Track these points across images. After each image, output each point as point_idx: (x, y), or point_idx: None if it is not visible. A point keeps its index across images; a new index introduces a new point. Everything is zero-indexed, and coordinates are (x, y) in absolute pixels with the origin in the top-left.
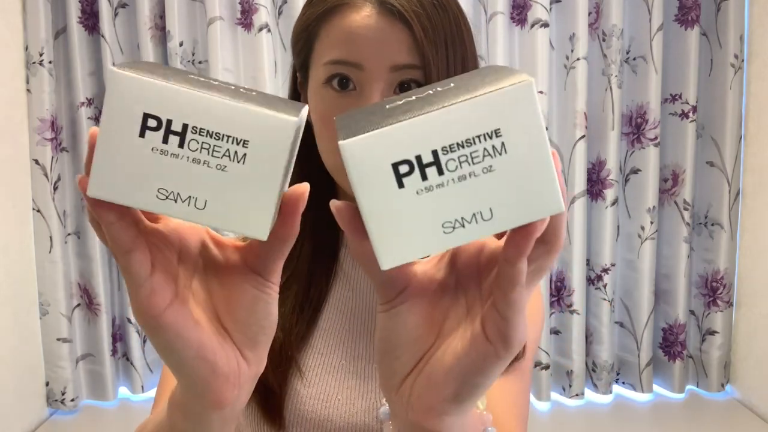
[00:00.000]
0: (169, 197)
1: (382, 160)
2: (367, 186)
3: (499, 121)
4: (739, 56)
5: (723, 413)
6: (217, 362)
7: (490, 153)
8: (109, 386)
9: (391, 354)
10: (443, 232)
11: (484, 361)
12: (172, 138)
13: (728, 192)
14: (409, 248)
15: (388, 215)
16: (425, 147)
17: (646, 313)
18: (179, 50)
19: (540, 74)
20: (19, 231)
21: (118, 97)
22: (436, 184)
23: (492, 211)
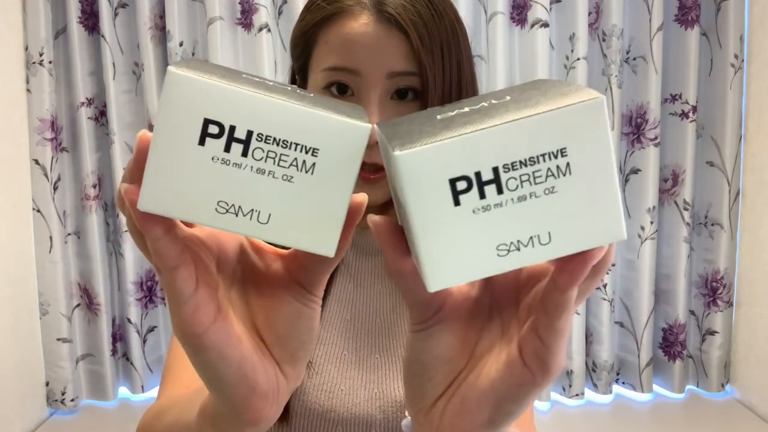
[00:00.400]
0: (230, 211)
1: (440, 175)
2: (421, 202)
3: (566, 140)
4: (739, 56)
5: (723, 413)
6: (258, 380)
7: (554, 173)
8: (109, 386)
9: (422, 376)
10: (497, 255)
11: (520, 387)
12: (235, 146)
13: (728, 192)
14: (460, 271)
15: (441, 234)
16: (486, 163)
17: (646, 313)
18: (179, 50)
19: (540, 74)
20: (19, 231)
21: (177, 101)
22: (495, 203)
23: (551, 235)
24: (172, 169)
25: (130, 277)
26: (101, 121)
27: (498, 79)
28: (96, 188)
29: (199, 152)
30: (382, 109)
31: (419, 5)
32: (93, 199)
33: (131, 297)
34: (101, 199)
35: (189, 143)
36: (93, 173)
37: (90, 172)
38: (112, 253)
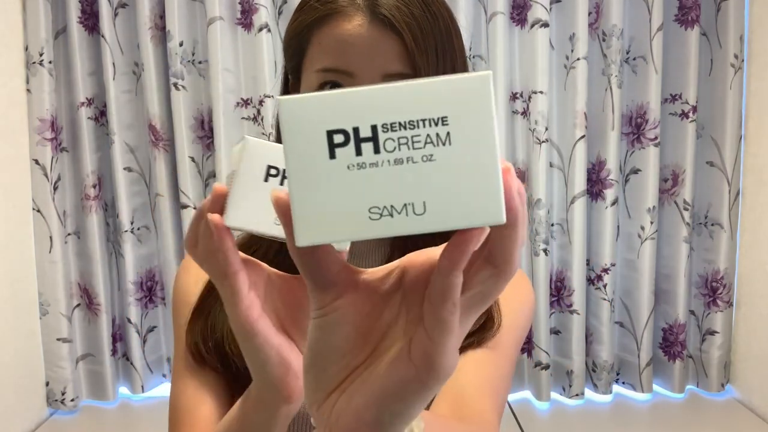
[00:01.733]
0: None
1: (318, 125)
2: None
3: (447, 109)
4: (739, 56)
5: (723, 413)
6: (291, 362)
7: (433, 141)
8: (109, 386)
9: (317, 365)
10: (369, 218)
11: (404, 384)
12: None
13: (728, 192)
14: (330, 229)
15: (315, 187)
16: (365, 120)
17: (646, 313)
18: (179, 50)
19: (540, 74)
20: (19, 231)
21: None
22: (370, 162)
23: (425, 206)
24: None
25: (130, 277)
26: (101, 121)
27: (498, 79)
28: (96, 188)
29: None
30: None
31: (413, 6)
32: (93, 199)
33: (131, 297)
34: (101, 199)
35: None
36: (93, 173)
37: (90, 172)
38: (112, 253)
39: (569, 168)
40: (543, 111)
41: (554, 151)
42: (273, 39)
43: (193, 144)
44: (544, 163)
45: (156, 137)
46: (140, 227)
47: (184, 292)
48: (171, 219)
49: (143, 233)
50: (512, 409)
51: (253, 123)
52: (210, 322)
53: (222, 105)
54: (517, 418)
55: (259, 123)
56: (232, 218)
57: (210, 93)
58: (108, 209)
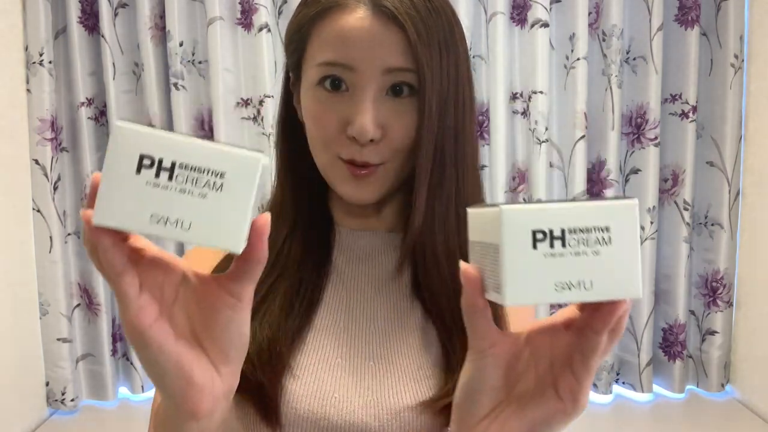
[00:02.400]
0: (160, 221)
1: (527, 226)
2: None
3: (610, 222)
4: (739, 56)
5: (723, 413)
6: (193, 374)
7: (599, 242)
8: (109, 386)
9: (472, 397)
10: (554, 289)
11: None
12: (163, 173)
13: (728, 192)
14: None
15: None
16: (557, 225)
17: (646, 313)
18: (179, 50)
19: (540, 74)
20: (19, 231)
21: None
22: (559, 253)
23: (592, 284)
24: (117, 192)
25: None
26: (101, 121)
27: (498, 79)
28: None
29: (136, 179)
30: (378, 105)
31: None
32: None
33: None
34: None
35: (129, 172)
36: (93, 173)
37: (90, 172)
38: None
39: (569, 168)
40: (543, 111)
41: (554, 151)
42: (273, 39)
43: None
44: (544, 163)
45: None
46: None
47: None
48: None
49: None
50: None
51: (253, 123)
52: None
53: (222, 105)
54: None
55: (259, 123)
56: (99, 216)
57: (210, 93)
58: None
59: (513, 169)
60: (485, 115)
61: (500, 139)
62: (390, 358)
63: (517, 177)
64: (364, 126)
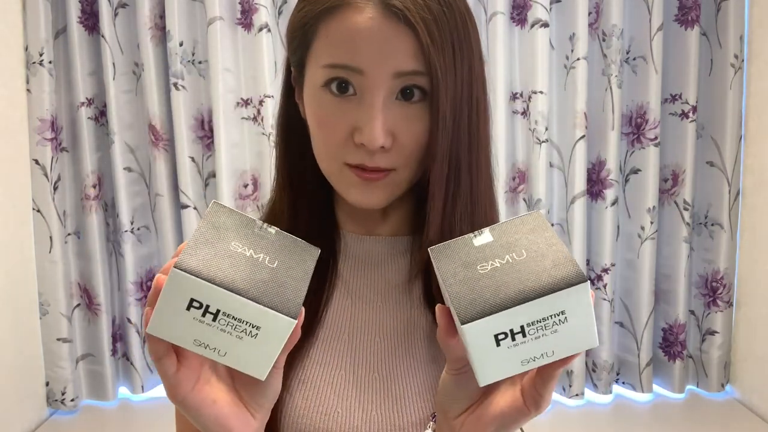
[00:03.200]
0: (201, 345)
1: (489, 334)
2: (477, 347)
3: (565, 306)
4: (739, 56)
5: (723, 413)
6: (231, 425)
7: (557, 323)
8: (109, 386)
9: (450, 401)
10: (521, 364)
11: (518, 415)
12: (208, 315)
13: (728, 192)
14: (497, 374)
15: (487, 360)
16: (516, 324)
17: (646, 313)
18: (179, 50)
19: (540, 74)
20: (19, 231)
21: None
22: (521, 342)
23: (554, 352)
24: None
25: (130, 277)
26: (101, 121)
27: (498, 79)
28: (96, 188)
29: (186, 314)
30: (387, 111)
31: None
32: (93, 199)
33: (131, 297)
34: (101, 199)
35: (181, 308)
36: (93, 173)
37: (90, 172)
38: (112, 253)
39: (569, 168)
40: (543, 111)
41: (554, 151)
42: (273, 39)
43: (193, 144)
44: (544, 163)
45: (156, 137)
46: (140, 227)
47: None
48: (171, 219)
49: (143, 233)
50: None
51: (253, 123)
52: None
53: (222, 105)
54: None
55: (259, 123)
56: (152, 328)
57: (210, 93)
58: (108, 209)
59: (513, 169)
60: None
61: (500, 139)
62: (395, 372)
63: (517, 177)
64: (373, 134)
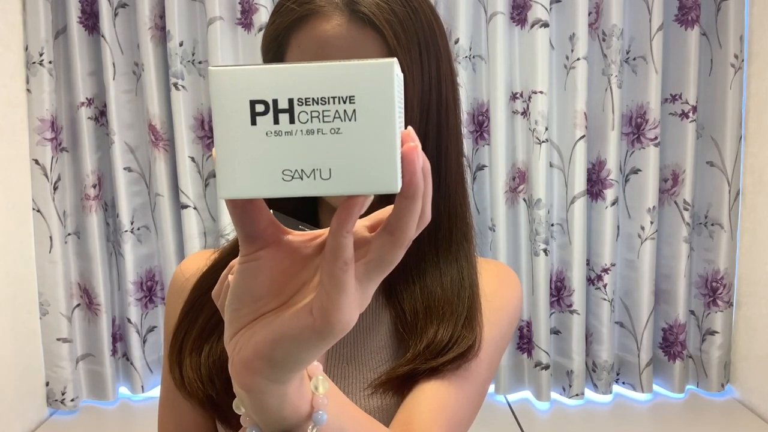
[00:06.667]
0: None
1: (242, 95)
2: (224, 115)
3: (355, 89)
4: (739, 56)
5: (723, 413)
6: None
7: (341, 116)
8: (109, 386)
9: (233, 306)
10: (282, 179)
11: (301, 330)
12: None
13: (728, 192)
14: (247, 185)
15: (237, 148)
16: (283, 94)
17: (646, 313)
18: (179, 50)
19: (540, 74)
20: (19, 231)
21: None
22: (285, 131)
23: (331, 172)
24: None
25: (130, 277)
26: (101, 121)
27: (498, 79)
28: (96, 188)
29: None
30: None
31: (393, 3)
32: (93, 199)
33: (131, 297)
34: (101, 199)
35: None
36: (93, 173)
37: (90, 172)
38: (112, 253)
39: (569, 168)
40: (543, 111)
41: (554, 151)
42: None
43: (193, 144)
44: (544, 163)
45: (156, 137)
46: (140, 227)
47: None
48: (171, 219)
49: (143, 233)
50: (512, 409)
51: None
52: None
53: None
54: (517, 418)
55: None
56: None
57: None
58: (108, 209)
59: (513, 169)
60: (485, 115)
61: (500, 139)
62: (365, 361)
63: (517, 177)
64: None
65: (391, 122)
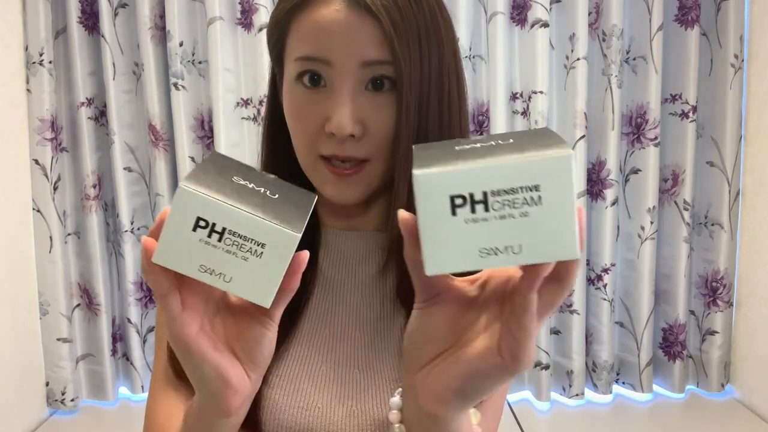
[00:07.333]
0: (207, 271)
1: (444, 192)
2: (428, 209)
3: (539, 179)
4: (739, 56)
5: (723, 413)
6: (230, 378)
7: (528, 202)
8: (109, 386)
9: (416, 345)
10: (479, 256)
11: (492, 369)
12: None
13: (728, 192)
14: (449, 262)
15: (439, 234)
16: (478, 188)
17: (646, 313)
18: (179, 50)
19: (540, 74)
20: (19, 231)
21: (182, 203)
22: (482, 218)
23: (521, 247)
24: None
25: (130, 277)
26: (101, 121)
27: (498, 79)
28: (96, 188)
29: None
30: (356, 100)
31: None
32: (93, 199)
33: (131, 297)
34: (101, 199)
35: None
36: (93, 173)
37: (90, 172)
38: (112, 253)
39: None
40: (543, 111)
41: None
42: None
43: (193, 144)
44: None
45: (156, 137)
46: (140, 227)
47: None
48: None
49: (143, 233)
50: (512, 409)
51: (253, 123)
52: None
53: (222, 105)
54: (517, 418)
55: (259, 123)
56: (158, 257)
57: (210, 93)
58: (108, 209)
59: None
60: (485, 115)
61: None
62: (374, 366)
63: None
64: (342, 121)
65: (571, 202)
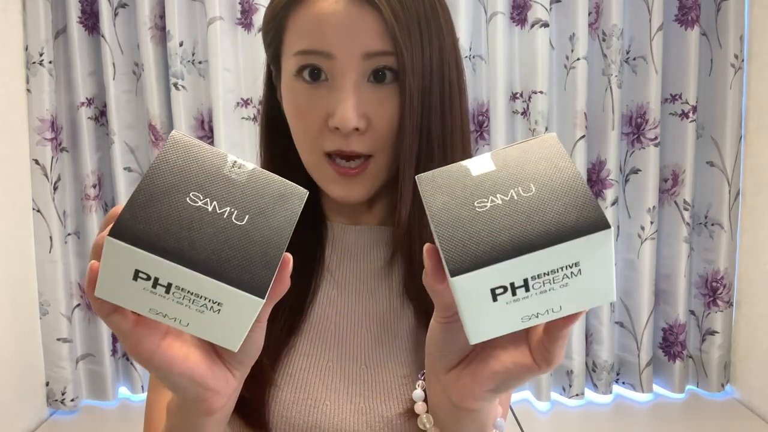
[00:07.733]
0: (159, 314)
1: (484, 289)
2: (468, 301)
3: (579, 257)
4: (739, 56)
5: (723, 413)
6: (207, 382)
7: (568, 276)
8: (109, 386)
9: (438, 353)
10: (521, 321)
11: (525, 372)
12: (160, 288)
13: (728, 192)
14: (492, 332)
15: (481, 316)
16: (518, 277)
17: (646, 313)
18: (179, 50)
19: (540, 74)
20: (19, 231)
21: (114, 257)
22: (522, 297)
23: (561, 307)
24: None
25: None
26: (101, 121)
27: (498, 79)
28: (96, 188)
29: (134, 284)
30: (359, 93)
31: None
32: (93, 199)
33: None
34: (101, 199)
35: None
36: (93, 173)
37: (90, 172)
38: None
39: None
40: (543, 111)
41: None
42: None
43: None
44: None
45: (156, 137)
46: None
47: None
48: None
49: None
50: (512, 409)
51: (253, 123)
52: None
53: (222, 105)
54: (517, 418)
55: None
56: (99, 291)
57: (210, 93)
58: (108, 209)
59: None
60: (485, 115)
61: (500, 139)
62: (382, 362)
63: None
64: (346, 115)
65: (611, 264)
